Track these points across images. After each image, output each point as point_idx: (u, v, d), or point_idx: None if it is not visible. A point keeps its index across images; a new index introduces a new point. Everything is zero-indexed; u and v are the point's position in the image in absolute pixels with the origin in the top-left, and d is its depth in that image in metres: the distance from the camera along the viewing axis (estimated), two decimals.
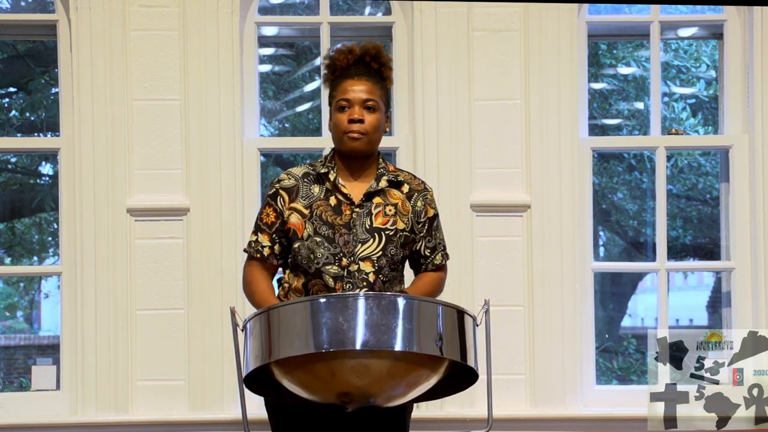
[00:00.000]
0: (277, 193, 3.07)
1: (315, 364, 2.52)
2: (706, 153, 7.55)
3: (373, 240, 3.00)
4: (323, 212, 3.01)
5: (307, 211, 3.03)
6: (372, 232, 3.01)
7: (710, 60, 7.44)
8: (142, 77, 4.31)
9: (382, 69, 3.11)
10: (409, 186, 3.12)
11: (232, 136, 4.31)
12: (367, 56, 3.09)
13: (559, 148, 4.34)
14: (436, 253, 3.14)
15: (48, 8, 4.68)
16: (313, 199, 3.04)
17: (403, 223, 3.06)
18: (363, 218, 3.02)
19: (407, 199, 3.09)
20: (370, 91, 3.05)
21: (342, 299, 2.55)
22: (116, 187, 4.28)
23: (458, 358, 2.60)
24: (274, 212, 3.06)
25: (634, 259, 8.09)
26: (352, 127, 3.01)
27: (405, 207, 3.08)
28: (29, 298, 9.45)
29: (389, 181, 3.08)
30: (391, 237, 3.02)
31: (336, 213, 3.01)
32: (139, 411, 4.26)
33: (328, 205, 3.03)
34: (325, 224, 3.00)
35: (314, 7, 4.77)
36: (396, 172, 3.12)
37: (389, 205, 3.06)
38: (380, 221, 3.03)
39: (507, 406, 4.27)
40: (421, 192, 3.13)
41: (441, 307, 2.60)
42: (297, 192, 3.05)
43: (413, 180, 3.15)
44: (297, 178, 3.08)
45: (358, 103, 3.03)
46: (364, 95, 3.04)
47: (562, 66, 4.35)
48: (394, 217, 3.05)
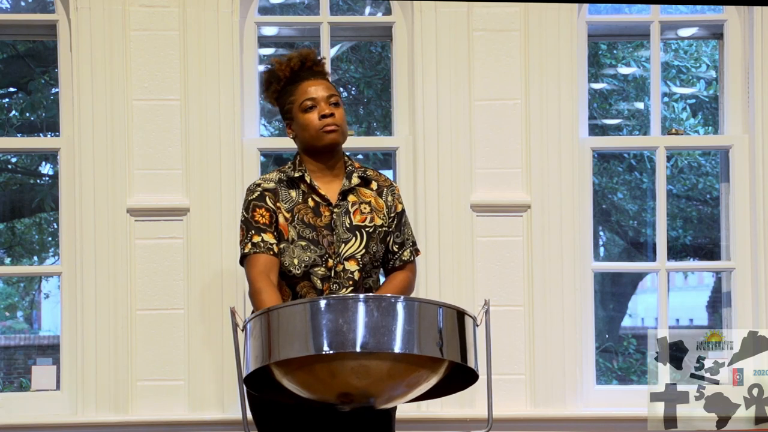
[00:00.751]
0: (263, 195, 3.12)
1: (315, 365, 2.52)
2: (706, 153, 7.55)
3: (355, 239, 3.08)
4: (304, 215, 3.06)
5: (288, 215, 3.08)
6: (353, 231, 3.08)
7: (710, 60, 7.43)
8: (142, 77, 4.31)
9: (324, 72, 3.24)
10: (377, 182, 3.20)
11: (232, 136, 4.31)
12: (308, 61, 3.19)
13: (560, 148, 4.34)
14: (404, 249, 3.22)
15: (48, 8, 4.68)
16: (293, 203, 3.09)
17: (380, 219, 3.14)
18: (342, 218, 3.08)
19: (378, 195, 3.17)
20: (329, 87, 3.17)
21: (342, 301, 2.55)
22: (116, 187, 4.28)
23: (458, 358, 2.60)
24: (267, 211, 3.09)
25: (635, 259, 8.08)
26: (326, 122, 3.10)
27: (378, 203, 3.15)
28: (29, 299, 9.45)
29: (360, 178, 3.16)
30: (371, 234, 3.10)
31: (316, 215, 3.07)
32: (139, 411, 4.26)
33: (307, 207, 3.08)
34: (307, 227, 3.05)
35: (314, 7, 4.77)
36: (362, 169, 3.21)
37: (363, 203, 3.13)
38: (358, 219, 3.11)
39: (507, 407, 4.26)
40: (389, 187, 3.23)
41: (441, 309, 2.60)
42: (278, 195, 3.11)
43: (379, 176, 3.24)
44: (275, 182, 3.14)
45: (323, 100, 3.13)
46: (326, 92, 3.15)
47: (562, 66, 4.35)
48: (371, 214, 3.12)
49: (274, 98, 3.26)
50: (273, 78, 3.21)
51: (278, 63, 3.20)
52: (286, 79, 3.18)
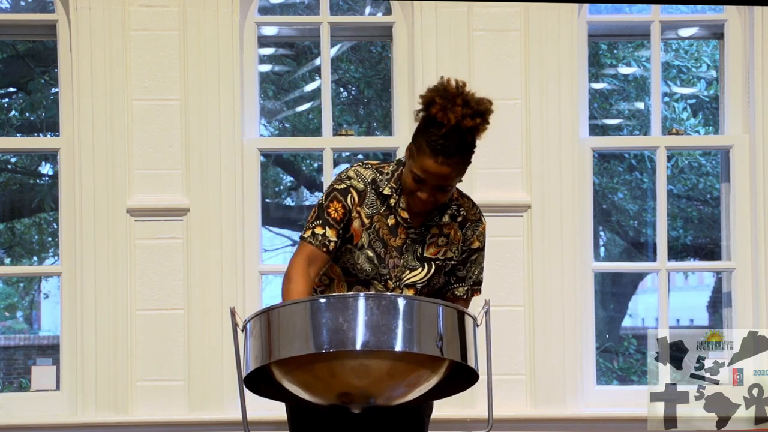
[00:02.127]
0: (348, 190, 2.89)
1: (315, 364, 2.52)
2: (706, 153, 7.54)
3: (422, 269, 2.92)
4: (380, 228, 2.90)
5: (367, 221, 2.90)
6: (422, 261, 2.92)
7: (711, 60, 7.42)
8: (142, 77, 4.31)
9: (477, 136, 2.83)
10: (465, 215, 2.98)
11: (232, 136, 4.31)
12: (462, 125, 2.77)
13: (560, 148, 4.34)
14: (460, 284, 3.00)
15: (48, 8, 4.68)
16: (375, 210, 2.90)
17: (452, 252, 2.95)
18: (416, 245, 2.92)
19: (459, 227, 2.96)
20: (449, 176, 2.79)
21: (342, 299, 2.54)
22: (116, 187, 4.28)
23: (458, 358, 2.60)
24: (343, 208, 2.88)
25: (635, 259, 8.07)
26: (417, 200, 2.84)
27: (456, 235, 2.95)
28: (29, 299, 9.44)
29: (451, 216, 2.94)
30: (440, 267, 2.94)
31: (392, 233, 2.90)
32: (139, 411, 4.26)
33: (386, 222, 2.91)
34: (379, 241, 2.90)
35: (314, 7, 4.77)
36: (458, 202, 2.97)
37: (442, 237, 2.94)
38: (431, 251, 2.93)
39: (507, 407, 4.26)
40: (474, 222, 2.98)
41: (441, 308, 2.59)
42: (364, 197, 2.90)
43: (471, 209, 2.99)
44: (366, 183, 2.91)
45: (433, 184, 2.80)
46: (441, 181, 2.79)
47: (563, 66, 4.34)
48: (445, 247, 2.94)
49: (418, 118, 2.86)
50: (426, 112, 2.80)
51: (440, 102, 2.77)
52: (429, 125, 2.78)
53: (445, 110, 2.75)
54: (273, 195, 7.59)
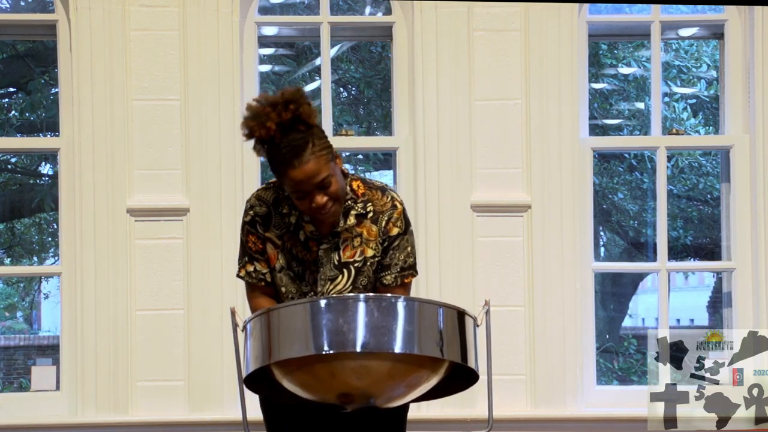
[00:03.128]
0: (255, 220, 2.91)
1: (315, 365, 2.52)
2: (706, 153, 7.55)
3: (342, 276, 2.89)
4: (293, 246, 2.90)
5: (279, 242, 2.90)
6: (341, 268, 2.89)
7: (711, 60, 7.43)
8: (142, 77, 4.31)
9: (304, 120, 2.73)
10: (374, 209, 2.89)
11: (232, 136, 4.31)
12: (284, 122, 2.71)
13: (560, 148, 4.33)
14: (386, 272, 2.91)
15: (48, 8, 4.68)
16: (284, 230, 2.89)
17: (372, 249, 2.89)
18: (331, 254, 2.88)
19: (373, 222, 2.89)
20: (317, 171, 2.72)
21: (342, 301, 2.54)
22: (116, 187, 4.28)
23: (459, 359, 2.59)
24: (258, 239, 2.92)
25: (635, 259, 8.08)
26: (320, 212, 2.79)
27: (371, 232, 2.90)
28: (29, 299, 9.45)
29: (357, 216, 2.88)
30: (361, 268, 2.89)
31: (304, 248, 2.89)
32: (139, 411, 4.26)
33: (297, 239, 2.89)
34: (294, 259, 2.89)
35: (314, 7, 4.77)
36: (364, 198, 2.89)
37: (356, 237, 2.89)
38: (348, 254, 2.88)
39: (507, 407, 4.26)
40: (386, 211, 2.90)
41: (441, 309, 2.59)
42: (270, 220, 2.90)
43: (380, 200, 2.90)
44: (268, 205, 2.90)
45: (313, 189, 2.74)
46: (315, 180, 2.73)
47: (563, 66, 4.34)
48: (361, 247, 2.89)
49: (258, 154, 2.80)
50: (253, 138, 2.75)
51: (255, 123, 2.72)
52: (267, 147, 2.75)
53: (262, 124, 2.71)
54: None
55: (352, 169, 2.99)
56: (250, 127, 2.74)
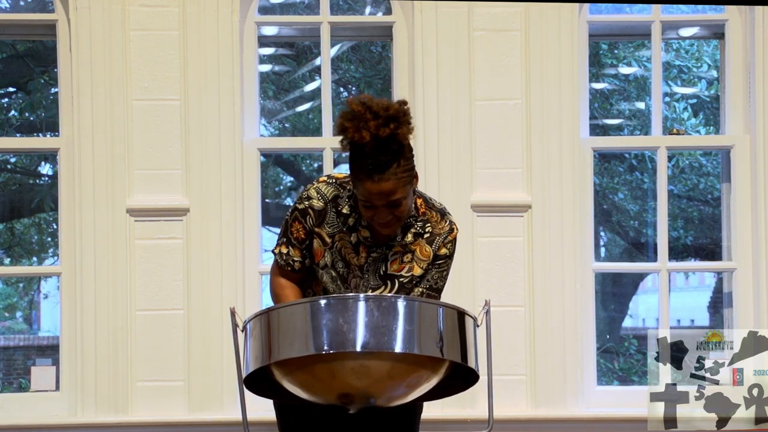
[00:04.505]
0: (306, 211, 2.87)
1: (315, 365, 2.52)
2: (707, 153, 7.54)
3: (385, 287, 2.87)
4: (342, 247, 2.87)
5: (329, 240, 2.86)
6: (384, 279, 2.87)
7: (711, 60, 7.42)
8: (142, 77, 4.30)
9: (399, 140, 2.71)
10: (431, 230, 2.89)
11: (231, 136, 4.30)
12: (380, 137, 2.68)
13: (560, 148, 4.33)
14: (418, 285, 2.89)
15: (47, 8, 4.67)
16: (337, 229, 2.86)
17: (421, 269, 2.88)
18: (378, 263, 2.87)
19: (428, 243, 2.89)
20: (393, 191, 2.71)
21: (342, 301, 2.54)
22: (116, 187, 4.28)
23: (459, 359, 2.59)
24: (303, 229, 2.87)
25: (635, 259, 8.07)
26: (379, 225, 2.79)
27: (424, 252, 2.89)
28: (28, 299, 9.44)
29: (415, 235, 2.87)
30: (405, 284, 2.87)
31: (354, 252, 2.86)
32: (139, 412, 4.25)
33: (348, 240, 2.86)
34: (342, 260, 2.87)
35: (314, 7, 4.76)
36: (424, 217, 2.88)
37: (407, 253, 2.87)
38: (395, 267, 2.86)
39: (508, 407, 4.25)
40: (443, 234, 2.90)
41: (441, 309, 2.59)
42: (324, 217, 2.87)
43: (438, 223, 2.90)
44: (326, 201, 2.87)
45: (383, 204, 2.73)
46: (388, 198, 2.72)
47: (563, 66, 4.34)
48: (411, 264, 2.87)
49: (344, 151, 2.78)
50: (346, 143, 2.73)
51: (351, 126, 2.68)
52: (354, 149, 2.72)
53: (359, 130, 2.67)
54: (273, 195, 7.60)
55: None
56: (345, 126, 2.70)
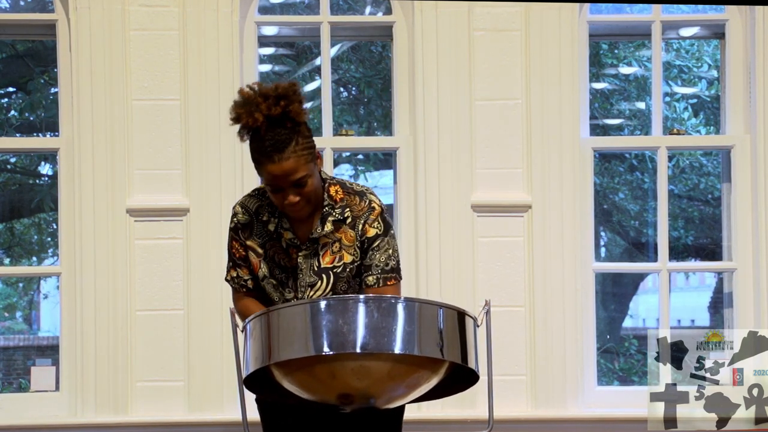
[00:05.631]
0: (237, 227, 2.92)
1: (315, 365, 2.51)
2: (707, 153, 7.54)
3: (321, 281, 2.89)
4: (275, 254, 2.90)
5: (261, 250, 2.91)
6: (320, 273, 2.88)
7: (712, 60, 7.42)
8: (141, 77, 4.30)
9: (293, 117, 2.76)
10: (351, 214, 2.89)
11: (232, 136, 4.28)
12: (273, 116, 2.74)
13: (560, 148, 4.33)
14: (368, 273, 2.89)
15: (47, 8, 4.67)
16: (267, 238, 2.90)
17: (350, 255, 2.89)
18: (310, 260, 2.88)
19: (350, 228, 2.89)
20: (295, 169, 2.73)
21: (342, 302, 2.53)
22: (116, 187, 4.27)
23: (459, 359, 2.59)
24: (240, 246, 2.93)
25: (636, 259, 8.07)
26: (290, 207, 2.80)
27: (349, 237, 2.89)
28: (28, 299, 9.44)
29: (334, 223, 2.87)
30: (339, 274, 2.89)
31: (286, 255, 2.89)
32: (139, 412, 4.25)
33: (279, 246, 2.89)
34: (278, 266, 2.90)
35: (314, 7, 4.76)
36: (343, 203, 2.88)
37: (335, 242, 2.89)
38: (327, 260, 2.88)
39: (508, 407, 4.25)
40: (363, 214, 2.89)
41: (441, 309, 2.59)
42: (252, 229, 2.91)
43: (357, 204, 2.89)
44: (251, 213, 2.91)
45: (288, 186, 2.75)
46: (291, 178, 2.74)
47: (563, 66, 4.34)
48: (340, 252, 2.89)
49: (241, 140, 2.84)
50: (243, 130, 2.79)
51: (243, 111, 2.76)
52: (251, 135, 2.78)
53: (251, 114, 2.75)
54: None
55: (352, 169, 2.98)
56: (238, 114, 2.79)
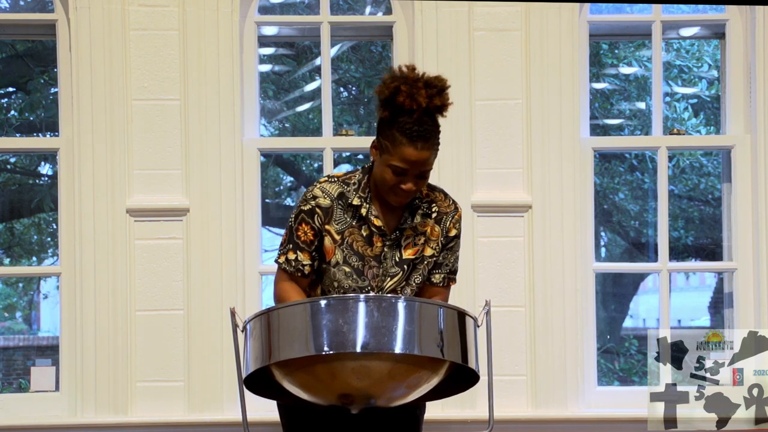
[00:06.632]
0: (314, 211, 2.88)
1: (315, 365, 2.51)
2: (708, 153, 7.54)
3: (402, 272, 2.91)
4: (354, 241, 2.88)
5: (338, 237, 2.88)
6: (401, 265, 2.91)
7: (712, 60, 7.42)
8: (141, 77, 4.30)
9: (444, 113, 2.83)
10: (438, 210, 2.96)
11: (232, 136, 4.30)
12: (431, 106, 2.78)
13: (561, 149, 4.33)
14: (437, 272, 2.98)
15: (47, 8, 4.67)
16: (346, 225, 2.88)
17: (432, 249, 2.94)
18: (393, 251, 2.90)
19: (436, 223, 2.94)
20: (429, 161, 2.80)
21: (342, 301, 2.54)
22: (116, 187, 4.27)
23: (459, 359, 2.59)
24: (311, 230, 2.89)
25: (636, 259, 8.07)
26: (401, 192, 2.82)
27: (434, 232, 2.94)
28: (28, 299, 9.44)
29: (422, 216, 2.92)
30: (417, 265, 2.92)
31: (367, 244, 2.88)
32: (138, 412, 4.25)
33: (359, 234, 2.88)
34: (355, 254, 2.88)
35: (314, 7, 4.76)
36: (429, 198, 2.95)
37: (419, 235, 2.92)
38: (410, 252, 2.91)
39: (508, 408, 4.25)
40: (450, 213, 2.97)
41: (442, 309, 2.59)
42: (332, 214, 2.88)
43: (443, 201, 2.98)
44: (332, 199, 2.89)
45: (414, 174, 2.80)
46: (422, 168, 2.80)
47: (564, 66, 4.33)
48: (423, 246, 2.93)
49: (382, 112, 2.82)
50: (388, 104, 2.79)
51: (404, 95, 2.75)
52: (396, 115, 2.78)
53: (412, 96, 2.76)
54: (273, 195, 7.59)
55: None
56: (398, 90, 2.76)
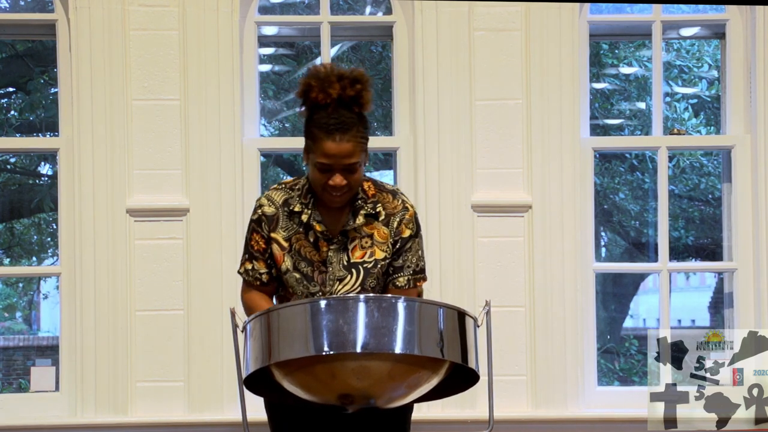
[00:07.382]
0: (261, 219, 2.93)
1: (315, 365, 2.51)
2: (708, 153, 7.54)
3: (351, 276, 2.90)
4: (302, 247, 2.91)
5: (286, 243, 2.91)
6: (349, 268, 2.89)
7: (712, 60, 7.43)
8: (141, 77, 4.30)
9: (362, 103, 2.83)
10: (385, 211, 2.92)
11: (232, 136, 4.30)
12: (345, 97, 2.79)
13: (561, 149, 4.32)
14: (399, 275, 2.94)
15: (47, 8, 4.67)
16: (293, 231, 2.91)
17: (383, 252, 2.91)
18: (340, 254, 2.90)
19: (384, 225, 2.91)
20: (352, 153, 2.78)
21: (342, 301, 2.54)
22: (116, 187, 4.27)
23: (459, 359, 2.59)
24: (262, 239, 2.93)
25: (636, 259, 8.07)
26: (332, 192, 2.82)
27: (382, 234, 2.91)
28: (28, 299, 9.45)
29: (366, 216, 2.90)
30: (370, 270, 2.90)
31: (314, 249, 2.90)
32: (139, 412, 4.25)
33: (307, 240, 2.90)
34: (304, 260, 2.90)
35: (314, 7, 4.76)
36: (374, 199, 2.92)
37: (365, 237, 2.91)
38: (357, 255, 2.90)
39: (508, 408, 4.25)
40: (398, 213, 2.93)
41: (442, 309, 2.59)
42: (277, 221, 2.92)
43: (391, 202, 2.94)
44: (277, 206, 2.92)
45: (339, 168, 2.79)
46: (345, 161, 2.79)
47: (564, 66, 4.33)
48: (371, 248, 2.91)
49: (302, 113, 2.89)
50: (304, 99, 2.83)
51: (315, 89, 2.79)
52: (313, 111, 2.83)
53: (324, 90, 2.79)
54: None
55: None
56: (310, 87, 2.81)
